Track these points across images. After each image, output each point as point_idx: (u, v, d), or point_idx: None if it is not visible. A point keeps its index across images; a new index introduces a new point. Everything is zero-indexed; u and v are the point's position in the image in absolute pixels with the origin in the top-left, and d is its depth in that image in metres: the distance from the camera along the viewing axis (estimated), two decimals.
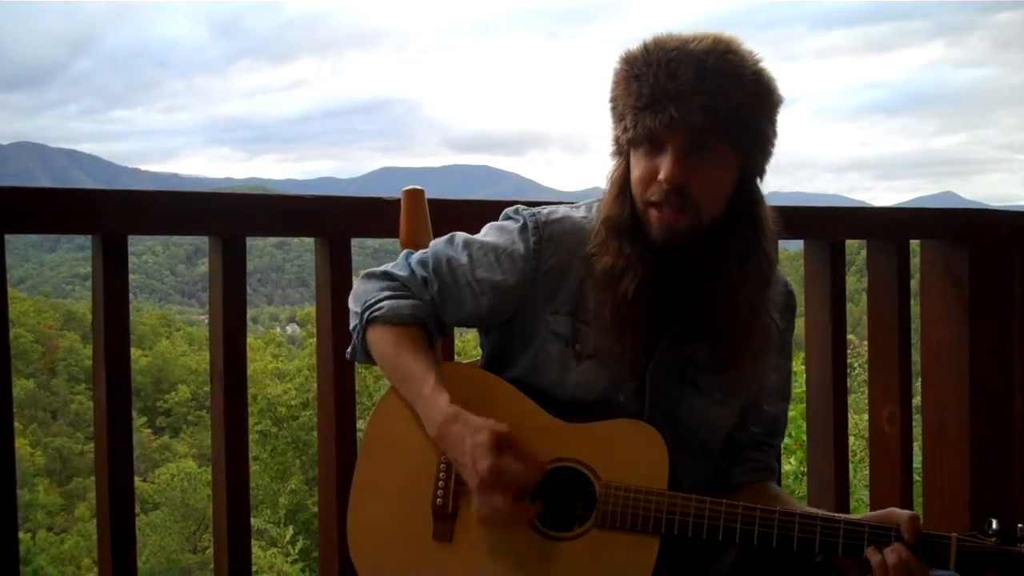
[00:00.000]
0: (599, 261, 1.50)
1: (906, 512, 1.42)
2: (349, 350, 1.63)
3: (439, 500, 1.51)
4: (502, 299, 1.57)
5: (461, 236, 1.62)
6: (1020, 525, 1.38)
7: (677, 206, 1.45)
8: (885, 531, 1.40)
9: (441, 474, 1.52)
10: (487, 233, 1.62)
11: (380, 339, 1.57)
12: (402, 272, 1.60)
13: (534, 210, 1.61)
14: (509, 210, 1.65)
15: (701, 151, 1.44)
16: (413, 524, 1.51)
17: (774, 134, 1.50)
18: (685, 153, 1.44)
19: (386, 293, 1.58)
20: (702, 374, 1.56)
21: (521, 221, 1.59)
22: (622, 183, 1.52)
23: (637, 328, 1.50)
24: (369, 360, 1.61)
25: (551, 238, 1.56)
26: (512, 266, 1.56)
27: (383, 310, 1.55)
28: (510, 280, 1.56)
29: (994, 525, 1.39)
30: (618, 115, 1.50)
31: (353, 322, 1.60)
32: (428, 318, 1.57)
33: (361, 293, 1.61)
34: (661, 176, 1.44)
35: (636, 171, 1.49)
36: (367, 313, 1.56)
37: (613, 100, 1.52)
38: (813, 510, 1.49)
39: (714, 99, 1.41)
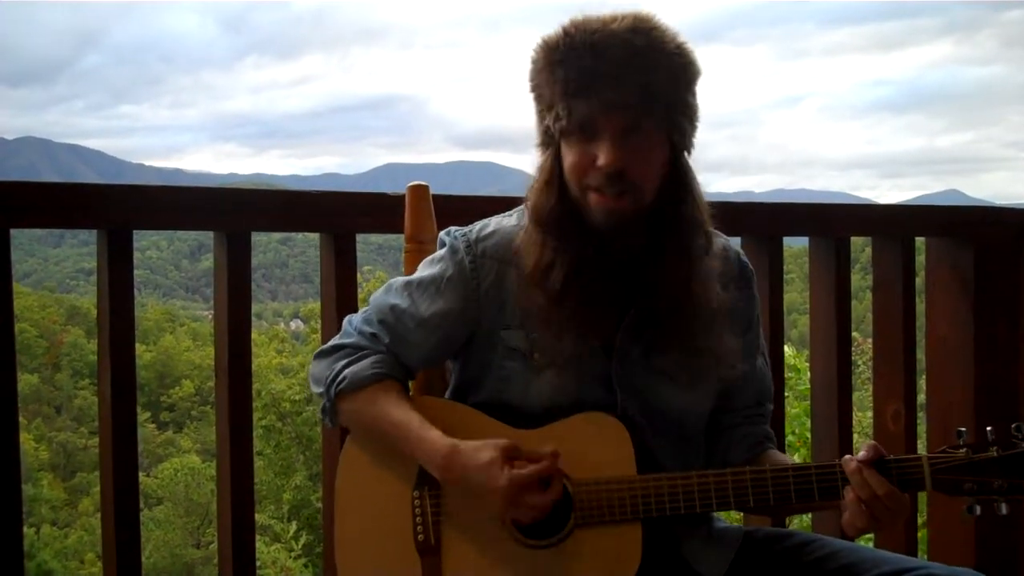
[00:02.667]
0: (525, 257, 1.50)
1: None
2: (328, 423, 1.63)
3: (420, 536, 1.50)
4: (453, 326, 1.56)
5: (398, 281, 1.62)
6: (989, 428, 1.38)
7: (618, 190, 1.44)
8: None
9: (417, 510, 1.51)
10: (422, 269, 1.61)
11: (354, 408, 1.56)
12: (350, 339, 1.60)
13: (465, 229, 1.60)
14: (442, 233, 1.63)
15: (635, 132, 1.43)
16: (401, 566, 1.51)
17: (697, 105, 1.49)
18: (621, 136, 1.42)
19: (343, 363, 1.57)
20: (666, 360, 1.54)
21: (452, 244, 1.58)
22: (551, 173, 1.50)
23: (595, 311, 1.48)
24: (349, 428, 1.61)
25: (484, 253, 1.55)
26: (453, 292, 1.55)
27: (346, 380, 1.55)
28: (456, 306, 1.55)
29: (964, 436, 1.39)
30: (545, 104, 1.48)
31: (322, 403, 1.60)
32: (392, 369, 1.57)
33: (319, 374, 1.60)
34: (601, 162, 1.42)
35: (570, 158, 1.46)
36: (332, 389, 1.56)
37: (536, 88, 1.49)
38: (787, 464, 1.49)
39: (646, 78, 1.40)
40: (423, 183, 1.79)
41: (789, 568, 1.54)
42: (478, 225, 1.60)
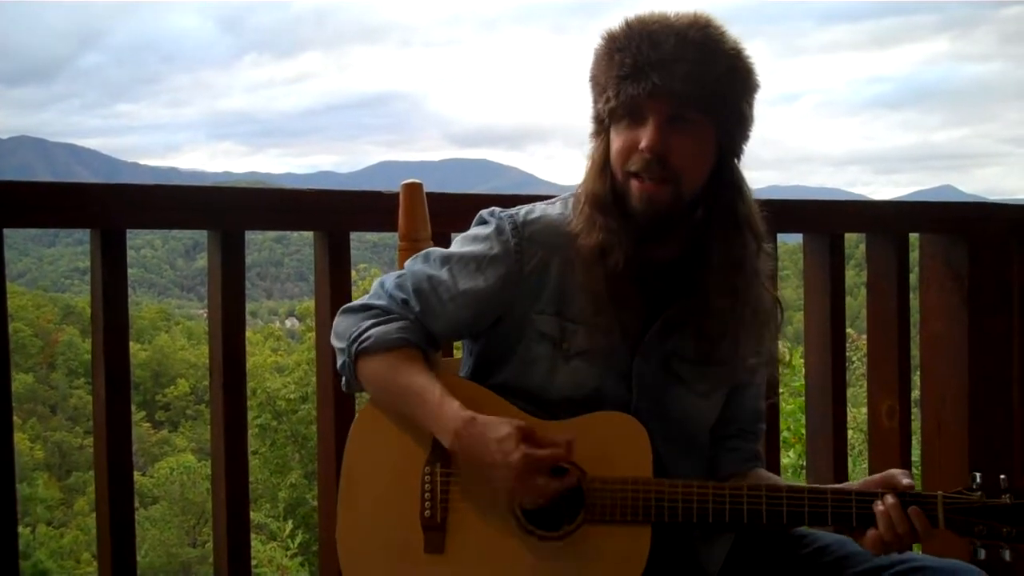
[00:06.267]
0: (586, 239, 1.50)
1: (903, 476, 1.44)
2: (344, 384, 1.62)
3: (427, 512, 1.50)
4: (488, 305, 1.56)
5: (437, 252, 1.60)
6: (1003, 476, 1.40)
7: (658, 176, 1.45)
8: (869, 499, 1.42)
9: (427, 486, 1.51)
10: (462, 244, 1.60)
11: (374, 369, 1.54)
12: (380, 300, 1.58)
13: (511, 211, 1.59)
14: (484, 212, 1.62)
15: (681, 121, 1.45)
16: (404, 540, 1.51)
17: (751, 117, 1.52)
18: (666, 122, 1.44)
19: (370, 322, 1.55)
20: (687, 367, 1.55)
21: (498, 224, 1.57)
22: (603, 159, 1.52)
23: (628, 308, 1.50)
24: (365, 390, 1.60)
25: (531, 238, 1.55)
26: (494, 271, 1.54)
27: (371, 339, 1.53)
28: (494, 285, 1.54)
29: (978, 479, 1.41)
30: (599, 89, 1.50)
31: (341, 359, 1.58)
32: (417, 336, 1.55)
33: (343, 329, 1.58)
34: (643, 144, 1.44)
35: (616, 143, 1.49)
36: (354, 346, 1.54)
37: (594, 76, 1.52)
38: (802, 484, 1.50)
39: (695, 68, 1.42)
40: (417, 181, 1.79)
41: (784, 562, 1.56)
42: (524, 208, 1.60)
